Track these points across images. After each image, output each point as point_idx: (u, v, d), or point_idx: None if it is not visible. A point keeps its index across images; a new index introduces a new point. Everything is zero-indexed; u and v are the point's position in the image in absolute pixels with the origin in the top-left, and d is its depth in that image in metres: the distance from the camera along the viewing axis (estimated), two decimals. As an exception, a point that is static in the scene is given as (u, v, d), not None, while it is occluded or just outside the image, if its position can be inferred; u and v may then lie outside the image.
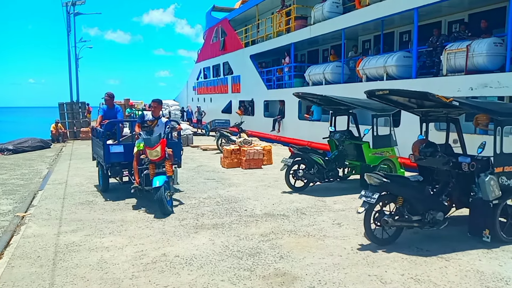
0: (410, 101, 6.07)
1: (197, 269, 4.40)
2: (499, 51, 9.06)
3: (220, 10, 29.65)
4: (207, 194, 7.97)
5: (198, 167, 11.34)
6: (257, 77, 20.48)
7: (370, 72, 12.55)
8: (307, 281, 4.10)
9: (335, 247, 5.07)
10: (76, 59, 30.76)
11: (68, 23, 26.63)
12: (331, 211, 6.77)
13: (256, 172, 10.50)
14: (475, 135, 8.66)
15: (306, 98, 9.69)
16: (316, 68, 15.75)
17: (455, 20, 12.19)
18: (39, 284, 4.06)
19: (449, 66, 9.80)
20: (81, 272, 4.34)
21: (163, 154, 6.62)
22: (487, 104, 5.86)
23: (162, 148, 6.60)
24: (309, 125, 15.75)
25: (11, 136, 18.71)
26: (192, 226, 5.94)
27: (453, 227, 5.56)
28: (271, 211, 6.76)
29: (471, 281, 4.10)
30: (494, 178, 5.09)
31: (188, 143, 16.70)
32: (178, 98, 36.65)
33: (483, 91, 8.93)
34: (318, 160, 8.18)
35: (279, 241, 5.29)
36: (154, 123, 7.24)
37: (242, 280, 4.12)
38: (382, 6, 12.10)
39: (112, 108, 8.60)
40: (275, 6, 19.96)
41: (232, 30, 24.18)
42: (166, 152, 6.66)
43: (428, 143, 5.72)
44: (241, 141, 11.87)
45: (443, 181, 5.67)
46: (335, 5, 14.82)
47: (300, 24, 17.02)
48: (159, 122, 7.28)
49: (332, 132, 8.98)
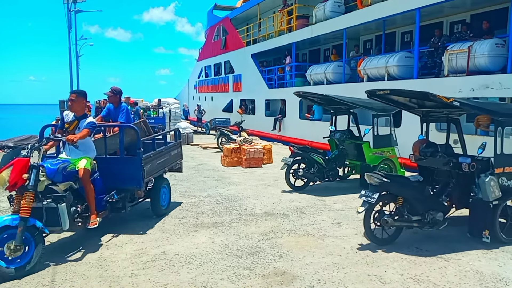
0: (411, 101, 6.07)
1: (197, 267, 4.41)
2: (501, 52, 9.04)
3: (222, 8, 29.64)
4: (207, 193, 7.97)
5: (198, 166, 11.34)
6: (258, 76, 20.47)
7: (371, 72, 12.53)
8: (307, 280, 4.10)
9: (334, 246, 5.07)
10: (77, 57, 30.83)
11: (69, 20, 26.69)
12: (331, 210, 6.77)
13: (256, 171, 10.50)
14: (476, 136, 8.65)
15: (306, 98, 9.68)
16: (318, 68, 15.75)
17: (457, 20, 12.16)
18: (39, 282, 4.06)
19: (451, 66, 9.79)
20: (80, 269, 4.35)
21: (15, 182, 4.15)
22: (487, 105, 5.86)
23: (13, 172, 4.14)
24: (310, 124, 15.74)
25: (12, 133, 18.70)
26: (192, 224, 5.94)
27: (452, 228, 5.56)
28: (271, 210, 6.76)
29: (471, 282, 4.10)
30: (494, 178, 5.09)
31: (188, 142, 16.73)
32: (179, 97, 36.64)
33: (484, 92, 8.91)
34: (318, 160, 8.18)
35: (278, 240, 5.29)
36: (73, 125, 5.05)
37: (241, 279, 4.12)
38: (384, 6, 12.07)
39: (118, 107, 6.65)
40: (277, 5, 19.93)
41: (233, 29, 24.17)
42: (28, 179, 4.20)
43: (428, 143, 5.72)
44: (241, 140, 11.87)
45: (443, 181, 5.67)
46: (337, 4, 14.79)
47: (302, 24, 17.00)
48: (80, 124, 5.01)
49: (333, 131, 8.98)
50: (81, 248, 4.95)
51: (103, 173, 5.23)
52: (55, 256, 4.68)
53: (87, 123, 4.94)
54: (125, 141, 5.67)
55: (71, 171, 4.72)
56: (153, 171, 5.97)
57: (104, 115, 6.68)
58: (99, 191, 5.11)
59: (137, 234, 5.48)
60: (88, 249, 4.93)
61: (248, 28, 22.09)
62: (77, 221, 4.79)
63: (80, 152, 4.90)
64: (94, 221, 4.83)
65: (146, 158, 5.63)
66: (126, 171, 5.44)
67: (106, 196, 5.23)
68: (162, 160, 6.32)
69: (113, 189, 5.32)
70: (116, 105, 6.66)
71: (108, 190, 5.28)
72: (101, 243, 5.12)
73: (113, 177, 5.35)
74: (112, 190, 5.30)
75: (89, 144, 5.09)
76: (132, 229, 5.67)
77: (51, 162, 4.68)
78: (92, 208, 4.86)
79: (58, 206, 4.37)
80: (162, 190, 6.38)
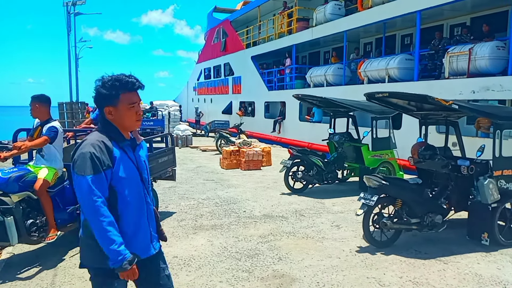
0: (410, 103, 6.08)
1: (196, 270, 4.40)
2: (501, 55, 9.06)
3: (222, 11, 29.70)
4: (206, 195, 7.97)
5: (197, 168, 11.34)
6: (258, 78, 20.49)
7: (371, 75, 12.54)
8: (306, 282, 4.10)
9: (333, 249, 5.07)
10: (76, 59, 30.84)
11: (69, 23, 26.72)
12: (330, 213, 6.76)
13: (255, 174, 10.50)
14: (477, 138, 8.66)
15: (305, 100, 9.70)
16: (318, 70, 15.76)
17: (457, 23, 12.18)
18: (37, 284, 4.06)
19: (451, 69, 9.80)
20: (79, 272, 4.33)
21: None
22: (486, 108, 5.88)
23: None
24: (310, 126, 15.75)
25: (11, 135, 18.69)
26: (190, 227, 5.93)
27: (451, 230, 5.56)
28: (270, 212, 6.76)
29: (470, 284, 4.10)
30: (493, 181, 5.09)
31: (188, 144, 16.74)
32: (178, 99, 36.66)
33: (485, 94, 8.92)
34: (317, 162, 8.18)
35: (277, 242, 5.29)
36: (36, 132, 4.71)
37: (240, 282, 4.12)
38: (384, 9, 12.10)
39: None
40: (277, 8, 19.98)
41: (233, 31, 24.20)
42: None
43: (427, 146, 5.72)
44: (240, 142, 11.88)
45: (442, 184, 5.67)
46: (337, 7, 14.82)
47: (302, 26, 17.03)
48: (44, 130, 4.61)
49: (332, 134, 8.99)
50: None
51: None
52: (53, 258, 4.67)
53: (47, 129, 4.56)
54: None
55: (30, 181, 4.39)
56: None
57: (95, 118, 6.29)
58: (68, 202, 4.76)
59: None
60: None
61: (248, 30, 22.13)
62: (34, 234, 4.40)
63: (45, 161, 4.64)
64: (52, 235, 4.54)
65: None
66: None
67: (75, 207, 4.80)
68: None
69: None
70: None
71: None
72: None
73: None
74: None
75: (53, 153, 4.68)
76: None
77: (4, 171, 4.33)
78: (50, 221, 4.51)
79: (5, 220, 4.05)
80: None
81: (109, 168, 2.12)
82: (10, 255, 4.80)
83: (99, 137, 2.15)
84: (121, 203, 2.18)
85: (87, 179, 2.04)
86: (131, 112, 2.21)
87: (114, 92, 2.15)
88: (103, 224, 2.04)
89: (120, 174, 2.15)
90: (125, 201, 2.18)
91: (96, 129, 2.28)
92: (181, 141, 16.52)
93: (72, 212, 4.79)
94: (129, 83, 2.18)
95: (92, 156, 2.07)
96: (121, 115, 2.19)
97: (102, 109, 2.21)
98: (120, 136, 2.23)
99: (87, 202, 2.05)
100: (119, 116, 2.19)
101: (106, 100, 2.17)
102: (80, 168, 2.07)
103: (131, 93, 2.20)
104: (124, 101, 2.18)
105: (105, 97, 2.16)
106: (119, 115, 2.19)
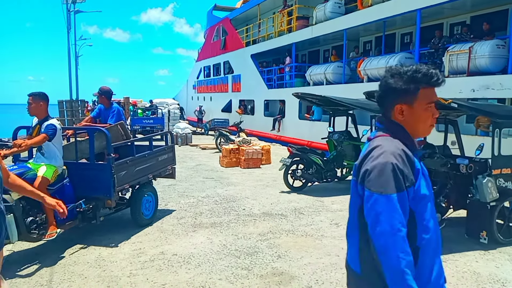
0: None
1: (195, 267, 4.41)
2: (502, 53, 9.06)
3: (222, 9, 29.67)
4: (206, 193, 7.98)
5: (196, 166, 11.35)
6: (257, 76, 20.49)
7: (371, 73, 12.54)
8: (305, 280, 4.11)
9: (332, 247, 5.08)
10: (76, 57, 30.80)
11: (68, 21, 26.68)
12: (329, 211, 6.78)
13: (254, 172, 10.51)
14: (477, 137, 8.67)
15: (305, 98, 9.69)
16: (317, 68, 15.76)
17: (457, 22, 12.18)
18: (37, 281, 4.07)
19: (451, 67, 9.80)
20: (79, 269, 4.35)
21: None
22: (485, 106, 5.88)
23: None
24: (309, 125, 15.76)
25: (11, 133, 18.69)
26: (190, 224, 5.95)
27: (450, 228, 5.57)
28: (269, 210, 6.77)
29: (468, 282, 4.11)
30: (492, 180, 5.09)
31: (187, 142, 16.75)
32: (177, 97, 36.65)
33: (485, 93, 8.93)
34: (316, 160, 8.19)
35: (277, 240, 5.30)
36: (35, 130, 4.75)
37: (239, 279, 4.13)
38: (384, 7, 12.10)
39: (108, 108, 6.21)
40: (277, 6, 19.95)
41: (233, 29, 24.18)
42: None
43: (426, 144, 5.73)
44: (240, 140, 11.88)
45: (440, 182, 5.68)
46: (337, 5, 14.81)
47: (302, 24, 17.02)
48: (42, 128, 4.64)
49: (331, 132, 9.00)
50: (80, 248, 4.96)
51: (73, 180, 4.92)
52: (53, 255, 4.69)
53: (45, 126, 4.55)
54: (100, 145, 5.24)
55: (30, 178, 4.35)
56: (130, 178, 5.47)
57: (95, 116, 6.28)
58: (68, 199, 4.71)
59: (135, 234, 5.49)
60: (87, 249, 4.94)
61: (247, 28, 22.11)
62: (34, 232, 4.41)
63: (44, 159, 4.64)
64: (51, 232, 4.49)
65: (119, 165, 5.16)
66: (95, 178, 5.01)
67: (74, 205, 4.84)
68: (144, 166, 5.78)
69: (84, 197, 4.97)
70: (107, 106, 6.23)
71: (79, 198, 4.94)
72: (100, 243, 5.13)
73: (83, 184, 4.98)
74: (83, 198, 4.95)
75: (53, 151, 4.68)
76: (131, 229, 5.67)
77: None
78: (50, 218, 4.51)
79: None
80: (145, 199, 5.86)
81: (412, 185, 1.59)
82: (9, 253, 4.80)
83: (398, 144, 1.64)
84: (421, 233, 1.62)
85: (391, 199, 1.52)
86: (428, 113, 1.70)
87: (413, 86, 1.67)
88: (401, 265, 1.48)
89: (423, 192, 1.62)
90: (425, 230, 1.63)
91: (379, 132, 1.76)
92: (181, 139, 16.53)
93: (72, 210, 4.79)
94: (433, 76, 1.67)
95: (395, 168, 1.55)
96: (416, 116, 1.69)
97: (389, 106, 1.73)
98: (413, 144, 1.71)
99: (385, 230, 1.51)
100: (413, 118, 1.70)
101: (401, 96, 1.69)
102: (379, 184, 1.55)
103: (431, 89, 1.70)
104: (422, 98, 1.67)
105: (401, 92, 1.68)
106: (413, 116, 1.69)
